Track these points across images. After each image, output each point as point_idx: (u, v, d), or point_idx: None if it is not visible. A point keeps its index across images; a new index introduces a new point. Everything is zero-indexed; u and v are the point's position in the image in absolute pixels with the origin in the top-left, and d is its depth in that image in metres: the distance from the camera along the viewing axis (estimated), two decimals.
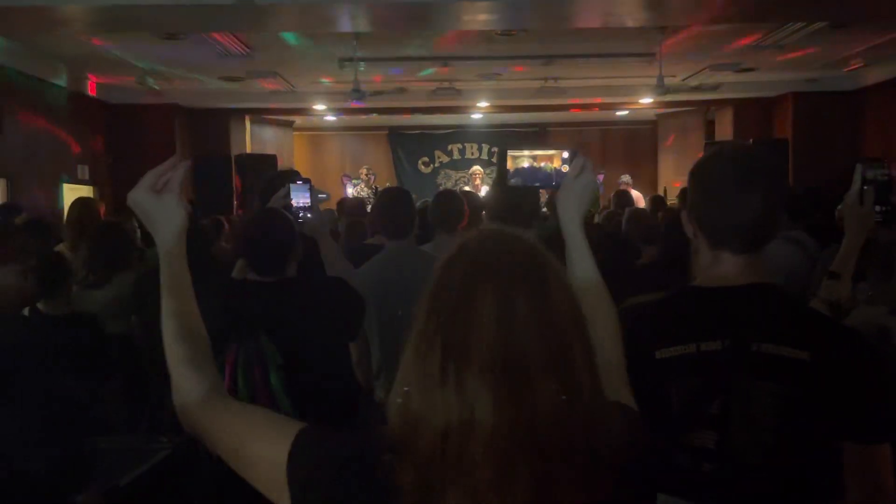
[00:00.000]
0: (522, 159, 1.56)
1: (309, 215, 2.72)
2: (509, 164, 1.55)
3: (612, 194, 8.28)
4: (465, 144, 14.19)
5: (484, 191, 10.07)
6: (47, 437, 2.00)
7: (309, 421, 2.20)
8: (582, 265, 1.40)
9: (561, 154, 1.53)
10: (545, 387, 0.87)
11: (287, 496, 1.00)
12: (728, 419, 1.34)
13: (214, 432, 1.13)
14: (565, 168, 1.51)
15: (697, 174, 1.49)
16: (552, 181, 1.49)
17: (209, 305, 2.42)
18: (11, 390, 1.92)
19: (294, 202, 2.71)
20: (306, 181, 2.79)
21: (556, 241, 1.47)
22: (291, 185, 2.73)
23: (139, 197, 1.33)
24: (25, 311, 3.10)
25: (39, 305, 3.18)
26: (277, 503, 1.03)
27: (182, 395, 1.17)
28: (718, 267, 1.44)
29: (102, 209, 6.20)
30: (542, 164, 1.55)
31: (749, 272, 1.43)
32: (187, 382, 1.18)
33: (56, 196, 8.65)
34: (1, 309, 2.10)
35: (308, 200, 2.74)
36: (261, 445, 1.06)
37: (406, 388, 0.92)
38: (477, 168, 12.34)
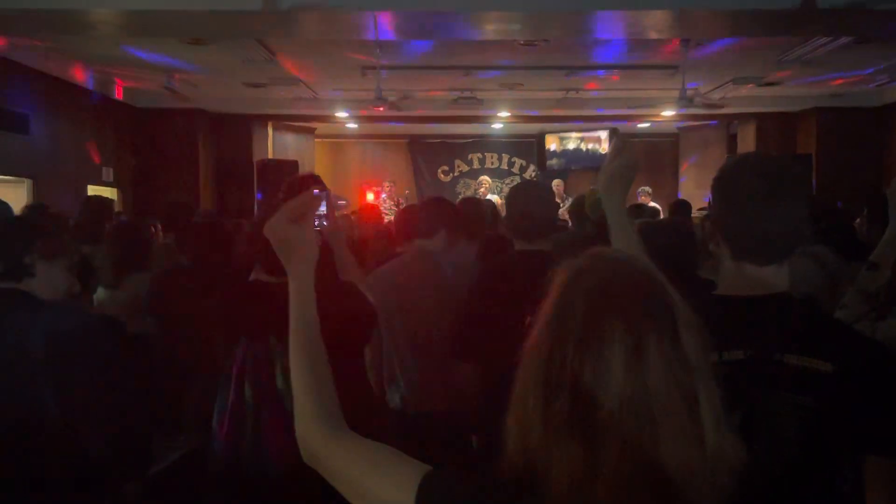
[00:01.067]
0: (569, 140, 1.58)
1: (325, 223, 2.74)
2: (555, 146, 1.56)
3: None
4: (485, 154, 14.21)
5: (490, 199, 10.09)
6: (113, 424, 2.07)
7: None
8: (623, 242, 1.46)
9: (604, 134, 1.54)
10: (670, 434, 0.86)
11: None
12: (750, 431, 1.33)
13: (336, 467, 1.11)
14: (605, 149, 1.53)
15: (722, 183, 1.48)
16: (598, 162, 1.51)
17: (224, 305, 2.46)
18: (78, 377, 1.99)
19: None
20: (325, 190, 2.83)
21: (577, 248, 1.47)
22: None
23: (278, 226, 1.34)
24: None
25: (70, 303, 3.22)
26: None
27: (305, 425, 1.18)
28: (741, 277, 1.43)
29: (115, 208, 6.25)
30: (589, 146, 1.57)
31: (772, 283, 1.42)
32: (312, 412, 1.19)
33: (82, 197, 8.76)
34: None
35: (324, 209, 2.77)
36: (385, 487, 1.03)
37: (525, 431, 0.90)
38: (484, 178, 12.36)
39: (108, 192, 9.39)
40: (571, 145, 9.90)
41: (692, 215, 6.47)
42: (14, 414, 1.97)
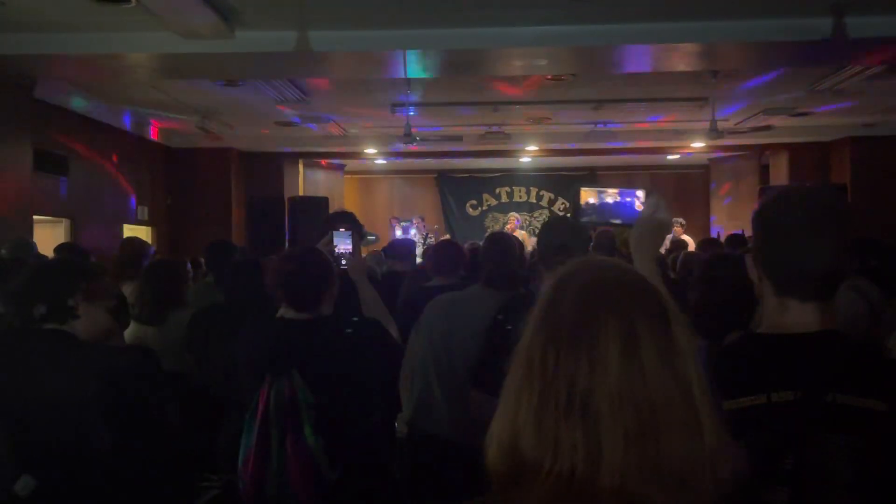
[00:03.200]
0: (607, 195, 1.55)
1: (349, 260, 2.77)
2: (593, 199, 1.54)
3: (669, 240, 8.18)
4: (513, 188, 14.23)
5: (519, 235, 10.06)
6: (161, 464, 2.11)
7: (339, 461, 2.19)
8: None
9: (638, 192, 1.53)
10: (672, 425, 0.85)
11: None
12: (803, 474, 1.28)
13: None
14: (640, 207, 1.50)
15: (763, 217, 1.44)
16: (632, 218, 1.48)
17: (249, 342, 2.47)
18: (130, 419, 2.04)
19: (337, 248, 2.77)
20: (357, 228, 2.86)
21: None
22: (335, 232, 2.79)
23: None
24: None
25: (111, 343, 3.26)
26: None
27: None
28: (785, 314, 1.39)
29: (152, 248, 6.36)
30: (627, 199, 1.54)
31: (818, 319, 1.37)
32: None
33: (117, 236, 8.93)
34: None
35: (350, 247, 2.80)
36: None
37: (514, 426, 0.89)
38: (513, 214, 12.33)
39: (143, 231, 9.56)
40: (609, 199, 9.98)
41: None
42: (68, 453, 2.00)
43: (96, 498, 2.01)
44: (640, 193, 1.52)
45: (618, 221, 1.52)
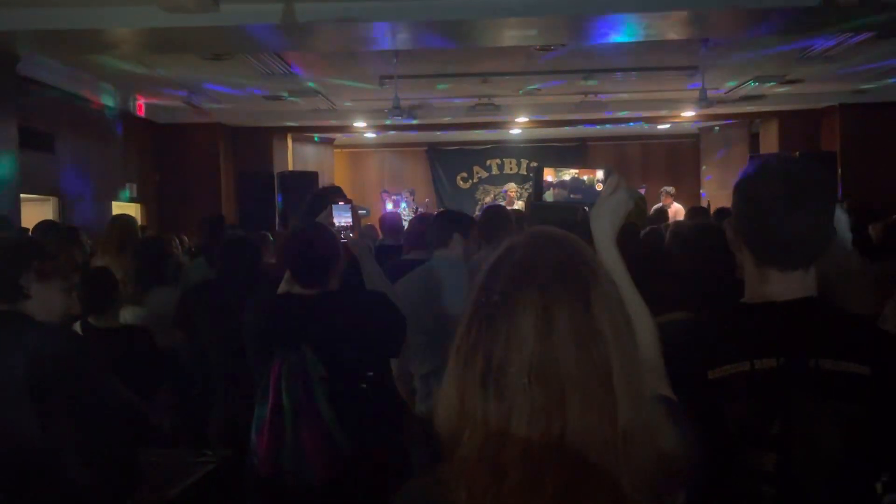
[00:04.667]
0: (564, 173, 1.54)
1: (351, 234, 2.76)
2: (551, 178, 1.52)
3: (653, 208, 8.19)
4: (504, 160, 14.19)
5: (517, 207, 10.05)
6: (98, 447, 2.06)
7: (352, 434, 2.21)
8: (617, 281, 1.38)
9: (597, 171, 1.51)
10: (579, 402, 0.87)
11: None
12: (789, 440, 1.30)
13: None
14: (600, 186, 1.49)
15: (743, 188, 1.44)
16: (594, 197, 1.46)
17: (257, 318, 2.48)
18: (60, 400, 1.98)
19: (336, 221, 2.76)
20: (348, 202, 2.84)
21: None
22: (334, 206, 2.78)
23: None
24: (77, 326, 3.19)
25: (91, 320, 3.25)
26: None
27: None
28: (766, 283, 1.40)
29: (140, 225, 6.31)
30: (585, 178, 1.52)
31: (799, 287, 1.39)
32: None
33: (106, 213, 8.88)
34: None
35: (350, 220, 2.79)
36: None
37: (447, 395, 0.93)
38: (511, 185, 12.30)
39: (133, 208, 9.51)
40: (567, 177, 10.10)
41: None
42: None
43: (28, 487, 1.96)
44: (600, 173, 1.51)
45: (578, 197, 1.51)
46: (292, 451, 2.19)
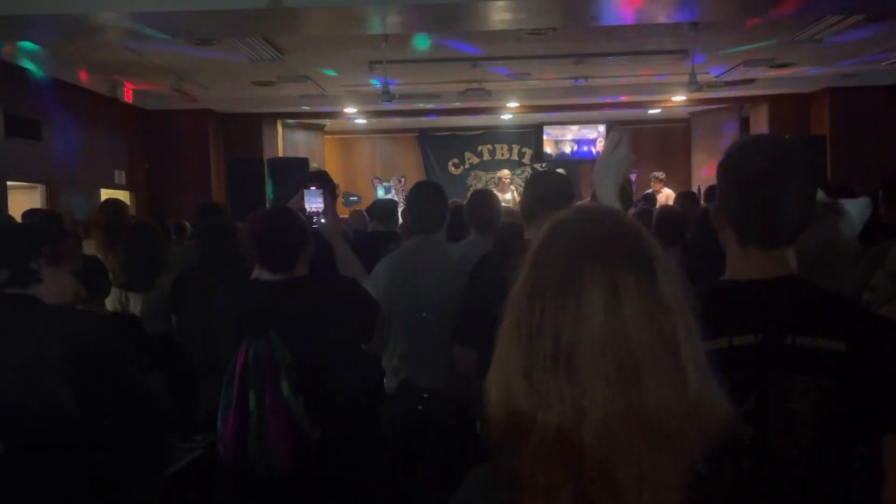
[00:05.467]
0: (564, 144, 1.54)
1: (323, 220, 2.74)
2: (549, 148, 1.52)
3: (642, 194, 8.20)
4: (496, 145, 14.16)
5: (510, 193, 10.00)
6: (134, 422, 2.11)
7: (320, 419, 2.21)
8: None
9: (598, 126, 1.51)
10: (654, 375, 0.86)
11: None
12: (765, 415, 1.31)
13: None
14: (601, 142, 1.50)
15: (727, 166, 1.45)
16: (592, 156, 1.47)
17: (225, 304, 2.47)
18: (95, 379, 2.03)
19: (308, 207, 2.73)
20: (320, 187, 2.81)
21: None
22: (305, 191, 2.75)
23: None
24: None
25: (80, 308, 3.24)
26: None
27: None
28: (748, 261, 1.41)
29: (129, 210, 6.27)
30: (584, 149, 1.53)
31: (779, 266, 1.40)
32: None
33: (94, 201, 8.83)
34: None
35: (321, 205, 2.76)
36: None
37: (506, 378, 0.90)
38: (505, 171, 12.23)
39: (122, 195, 9.45)
40: (567, 148, 10.24)
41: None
42: (35, 417, 1.99)
43: (66, 463, 2.01)
44: (602, 128, 1.52)
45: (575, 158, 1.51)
46: (257, 437, 2.18)
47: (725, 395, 0.93)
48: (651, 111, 12.46)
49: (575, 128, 12.48)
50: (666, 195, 9.87)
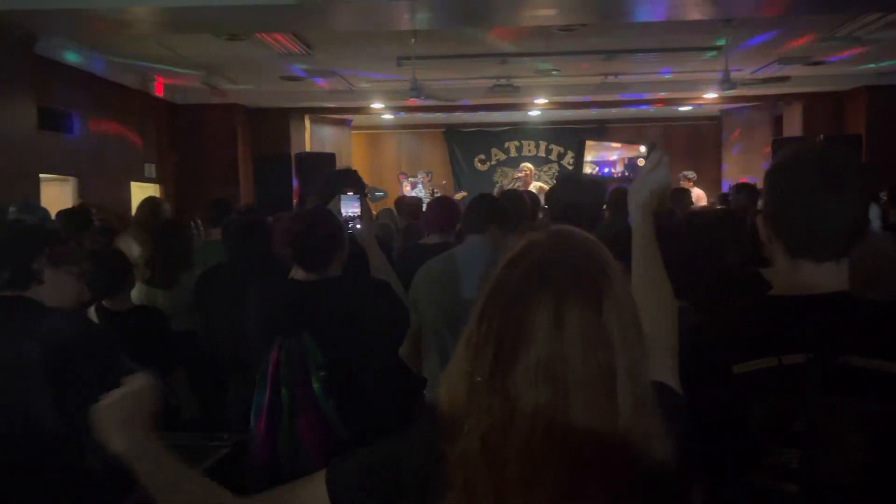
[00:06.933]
0: (606, 148, 1.51)
1: (359, 225, 2.73)
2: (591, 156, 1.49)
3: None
4: (522, 142, 14.07)
5: (533, 188, 9.89)
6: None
7: (354, 422, 2.19)
8: (644, 259, 1.37)
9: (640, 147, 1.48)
10: (583, 404, 0.89)
11: None
12: (813, 437, 1.26)
13: None
14: (642, 162, 1.45)
15: (776, 177, 1.39)
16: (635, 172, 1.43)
17: (259, 304, 2.45)
18: (76, 386, 1.96)
19: (344, 212, 2.72)
20: (360, 190, 2.80)
21: (618, 243, 1.41)
22: (342, 196, 2.74)
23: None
24: (92, 310, 3.19)
25: (105, 303, 3.25)
26: None
27: None
28: (799, 275, 1.35)
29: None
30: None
31: (832, 281, 1.34)
32: None
33: (124, 194, 8.92)
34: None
35: (358, 210, 2.75)
36: (303, 498, 1.09)
37: (452, 381, 0.96)
38: (526, 165, 12.11)
39: (151, 189, 9.55)
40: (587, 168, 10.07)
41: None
42: (12, 423, 1.94)
43: (43, 474, 1.94)
44: (643, 148, 1.48)
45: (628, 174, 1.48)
46: (288, 437, 2.18)
47: (667, 436, 0.94)
48: (682, 109, 12.30)
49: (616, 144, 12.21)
50: (697, 195, 9.72)
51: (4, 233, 2.20)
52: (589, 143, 1.38)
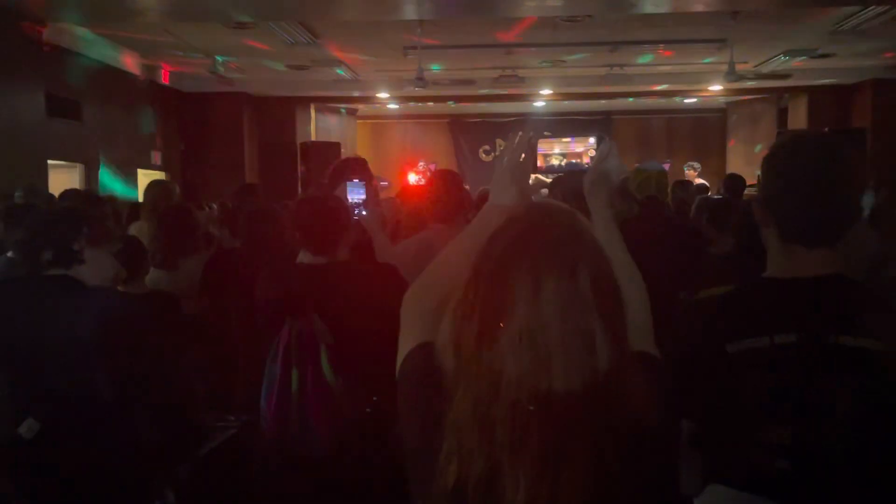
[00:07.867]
0: (557, 142, 1.55)
1: (364, 212, 2.79)
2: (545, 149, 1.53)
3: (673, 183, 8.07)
4: None
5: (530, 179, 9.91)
6: (165, 405, 2.17)
7: (360, 400, 2.23)
8: (609, 247, 1.40)
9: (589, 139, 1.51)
10: (562, 366, 0.94)
11: None
12: (806, 415, 1.30)
13: None
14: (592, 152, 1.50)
15: (772, 163, 1.43)
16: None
17: (268, 286, 2.50)
18: (129, 361, 2.08)
19: (350, 198, 2.79)
20: (365, 178, 2.86)
21: (625, 230, 1.46)
22: (348, 183, 2.81)
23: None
24: None
25: (120, 287, 3.30)
26: None
27: None
28: (791, 259, 1.40)
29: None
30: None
31: (823, 264, 1.38)
32: None
33: (132, 181, 8.97)
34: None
35: (363, 196, 2.82)
36: None
37: (446, 351, 1.02)
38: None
39: (158, 176, 9.59)
40: (555, 161, 10.32)
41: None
42: (68, 397, 2.04)
43: (99, 442, 2.04)
44: (592, 140, 1.52)
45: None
46: (298, 415, 2.23)
47: (648, 395, 1.00)
48: (686, 101, 12.28)
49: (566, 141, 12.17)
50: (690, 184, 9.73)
51: (45, 215, 2.27)
52: (541, 140, 1.41)
